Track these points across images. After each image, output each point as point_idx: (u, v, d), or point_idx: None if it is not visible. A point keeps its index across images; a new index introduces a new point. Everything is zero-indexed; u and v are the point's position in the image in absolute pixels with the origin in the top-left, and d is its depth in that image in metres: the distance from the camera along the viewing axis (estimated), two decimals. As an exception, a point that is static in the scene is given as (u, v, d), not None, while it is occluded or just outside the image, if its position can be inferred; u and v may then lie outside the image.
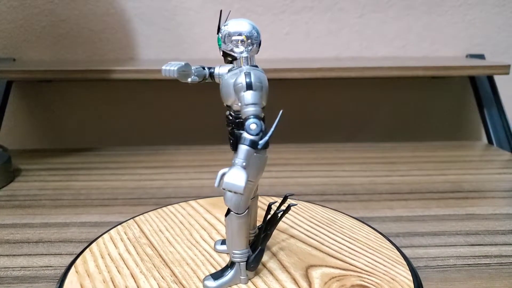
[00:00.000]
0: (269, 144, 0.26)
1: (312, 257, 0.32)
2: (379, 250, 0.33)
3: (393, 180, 0.53)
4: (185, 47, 0.75)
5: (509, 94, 0.77)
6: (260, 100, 0.24)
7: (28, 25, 0.72)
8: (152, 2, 0.73)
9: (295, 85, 0.77)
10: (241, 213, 0.27)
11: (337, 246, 0.34)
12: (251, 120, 0.23)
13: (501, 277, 0.32)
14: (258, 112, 0.24)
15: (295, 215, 0.39)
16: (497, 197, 0.48)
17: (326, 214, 0.40)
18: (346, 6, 0.75)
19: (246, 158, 0.23)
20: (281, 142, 0.69)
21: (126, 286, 0.29)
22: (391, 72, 0.65)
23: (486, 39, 0.78)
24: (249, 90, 0.24)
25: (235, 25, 0.26)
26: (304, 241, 0.34)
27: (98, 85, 0.76)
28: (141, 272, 0.30)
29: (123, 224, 0.38)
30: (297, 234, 0.36)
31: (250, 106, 0.24)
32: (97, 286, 0.29)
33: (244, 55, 0.26)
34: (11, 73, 0.64)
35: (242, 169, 0.23)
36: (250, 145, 0.23)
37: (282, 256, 0.32)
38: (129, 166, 0.59)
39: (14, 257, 0.35)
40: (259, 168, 0.26)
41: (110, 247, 0.34)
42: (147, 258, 0.32)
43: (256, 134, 0.23)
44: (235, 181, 0.22)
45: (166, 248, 0.34)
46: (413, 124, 0.82)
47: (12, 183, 0.52)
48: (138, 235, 0.36)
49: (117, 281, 0.29)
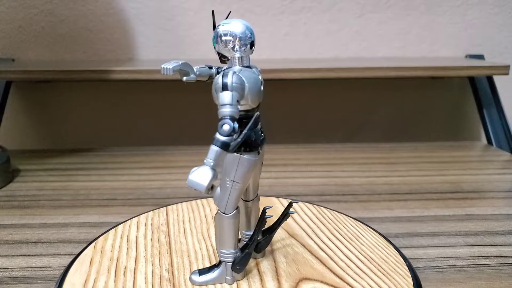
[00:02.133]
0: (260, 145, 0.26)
1: (311, 270, 0.30)
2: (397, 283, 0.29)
3: (392, 181, 0.53)
4: (184, 47, 0.75)
5: (508, 95, 0.77)
6: (236, 101, 0.24)
7: (27, 25, 0.72)
8: (151, 2, 0.73)
9: (294, 85, 0.77)
10: (228, 213, 0.27)
11: (346, 263, 0.32)
12: (224, 120, 0.23)
13: (500, 278, 0.32)
14: (232, 113, 0.23)
15: (319, 224, 0.38)
16: (497, 198, 0.48)
17: (353, 229, 0.37)
18: (345, 6, 0.75)
19: (215, 159, 0.23)
20: (281, 142, 0.69)
21: (126, 266, 0.31)
22: (391, 72, 0.65)
23: (485, 40, 0.78)
24: (225, 90, 0.24)
25: (227, 26, 0.26)
26: (313, 252, 0.33)
27: (97, 86, 0.76)
28: (145, 256, 0.32)
29: (155, 211, 0.40)
30: (310, 244, 0.34)
31: (224, 106, 0.24)
32: (103, 262, 0.31)
33: (237, 55, 0.26)
34: (10, 74, 0.64)
35: (209, 169, 0.23)
36: (220, 145, 0.23)
37: (282, 264, 0.31)
38: (128, 166, 0.59)
39: (13, 257, 0.35)
40: (247, 170, 0.26)
41: (133, 229, 0.37)
42: (157, 245, 0.34)
43: (227, 135, 0.23)
44: (198, 180, 0.23)
45: (178, 238, 0.35)
46: (412, 125, 0.82)
47: (11, 184, 0.52)
48: (161, 223, 0.38)
49: (121, 261, 0.32)
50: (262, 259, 0.32)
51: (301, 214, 0.40)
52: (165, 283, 0.29)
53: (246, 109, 0.26)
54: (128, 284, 0.29)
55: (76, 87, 0.76)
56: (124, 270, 0.31)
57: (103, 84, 0.76)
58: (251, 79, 0.25)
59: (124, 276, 0.30)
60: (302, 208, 0.41)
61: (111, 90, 0.77)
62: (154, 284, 0.29)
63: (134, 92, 0.77)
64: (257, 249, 0.31)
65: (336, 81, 0.77)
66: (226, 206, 0.27)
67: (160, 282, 0.29)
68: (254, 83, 0.26)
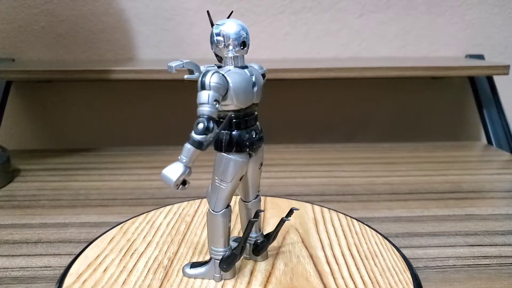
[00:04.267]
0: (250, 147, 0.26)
1: (304, 283, 0.29)
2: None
3: (392, 181, 0.53)
4: (184, 47, 0.75)
5: (508, 95, 0.77)
6: (213, 100, 0.24)
7: (27, 25, 0.72)
8: (151, 2, 0.73)
9: (294, 85, 0.77)
10: (217, 211, 0.28)
11: (345, 282, 0.29)
12: (199, 119, 0.24)
13: (500, 278, 0.32)
14: (207, 112, 0.24)
15: (341, 237, 0.36)
16: (497, 198, 0.48)
17: (375, 247, 0.34)
18: (345, 6, 0.75)
19: (187, 156, 0.24)
20: (281, 142, 0.69)
21: (136, 249, 0.33)
22: (390, 72, 0.65)
23: (485, 39, 0.78)
24: (203, 90, 0.24)
25: (221, 26, 0.26)
26: (317, 264, 0.31)
27: (97, 85, 0.76)
28: (157, 242, 0.34)
29: (190, 201, 0.42)
30: (319, 256, 0.32)
31: (201, 105, 0.24)
32: (120, 242, 0.34)
33: (229, 55, 0.26)
34: (10, 73, 0.64)
35: (181, 165, 0.24)
36: (192, 143, 0.24)
37: (278, 271, 0.30)
38: (128, 166, 0.59)
39: (13, 257, 0.35)
40: (234, 170, 0.27)
41: (161, 216, 0.39)
42: (173, 233, 0.36)
43: (200, 134, 0.23)
44: (169, 174, 0.24)
45: (195, 230, 0.37)
46: (412, 125, 0.82)
47: (11, 184, 0.52)
48: (189, 214, 0.40)
49: (135, 243, 0.34)
50: (262, 262, 0.32)
51: (327, 223, 0.38)
52: (160, 269, 0.31)
53: (232, 109, 0.26)
54: (129, 265, 0.31)
55: (76, 87, 0.76)
56: (133, 252, 0.33)
57: (103, 84, 0.76)
58: (239, 79, 0.25)
59: (130, 257, 0.32)
60: (332, 217, 0.39)
61: (111, 90, 0.77)
62: (150, 269, 0.31)
63: (134, 92, 0.77)
64: (255, 252, 0.31)
65: (336, 81, 0.77)
66: (215, 204, 0.28)
67: (156, 268, 0.31)
68: (241, 83, 0.25)
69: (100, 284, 0.29)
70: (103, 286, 0.29)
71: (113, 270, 0.31)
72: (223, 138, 0.26)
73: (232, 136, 0.26)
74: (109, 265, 0.31)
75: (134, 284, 0.29)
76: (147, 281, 0.29)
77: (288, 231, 0.36)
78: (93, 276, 0.30)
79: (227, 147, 0.26)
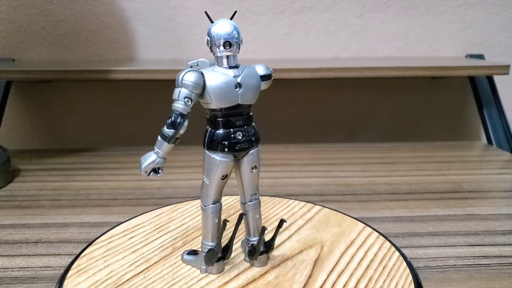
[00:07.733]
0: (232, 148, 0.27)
1: None
2: None
3: (392, 181, 0.53)
4: (184, 47, 0.75)
5: (508, 94, 0.77)
6: (183, 97, 0.25)
7: (27, 25, 0.72)
8: (151, 2, 0.73)
9: (294, 85, 0.77)
10: (204, 205, 0.29)
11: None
12: (170, 114, 0.26)
13: (500, 278, 0.32)
14: (176, 108, 0.26)
15: (362, 266, 0.31)
16: (497, 198, 0.48)
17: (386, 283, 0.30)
18: (345, 6, 0.75)
19: (157, 147, 0.27)
20: (281, 142, 0.69)
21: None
22: (391, 72, 0.65)
23: (485, 39, 0.78)
24: (176, 86, 0.26)
25: (214, 26, 0.26)
26: (307, 285, 0.29)
27: (97, 86, 0.76)
28: (175, 229, 0.37)
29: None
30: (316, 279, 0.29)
31: (173, 101, 0.26)
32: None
33: (218, 55, 0.26)
34: (10, 73, 0.64)
35: (153, 155, 0.27)
36: (161, 136, 0.26)
37: (263, 281, 0.29)
38: (128, 166, 0.59)
39: (13, 257, 0.35)
40: (213, 169, 0.28)
41: (184, 208, 0.41)
42: (191, 225, 0.37)
43: (167, 128, 0.26)
44: (141, 161, 0.27)
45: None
46: (412, 124, 0.82)
47: (11, 184, 0.52)
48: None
49: (160, 229, 0.37)
50: (256, 268, 0.31)
51: (361, 248, 0.34)
52: (163, 252, 0.33)
53: (213, 108, 0.27)
54: (145, 243, 0.34)
55: (76, 87, 0.76)
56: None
57: (103, 84, 0.76)
58: (217, 79, 0.26)
59: (149, 239, 0.35)
60: (374, 243, 0.34)
61: (111, 90, 0.77)
62: (157, 251, 0.33)
63: (134, 92, 0.77)
64: (249, 256, 0.31)
65: (336, 81, 0.77)
66: (202, 198, 0.29)
67: (162, 250, 0.33)
68: (219, 83, 0.26)
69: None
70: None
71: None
72: (207, 136, 0.28)
73: (214, 135, 0.27)
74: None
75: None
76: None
77: (312, 246, 0.34)
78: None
79: (208, 145, 0.28)
